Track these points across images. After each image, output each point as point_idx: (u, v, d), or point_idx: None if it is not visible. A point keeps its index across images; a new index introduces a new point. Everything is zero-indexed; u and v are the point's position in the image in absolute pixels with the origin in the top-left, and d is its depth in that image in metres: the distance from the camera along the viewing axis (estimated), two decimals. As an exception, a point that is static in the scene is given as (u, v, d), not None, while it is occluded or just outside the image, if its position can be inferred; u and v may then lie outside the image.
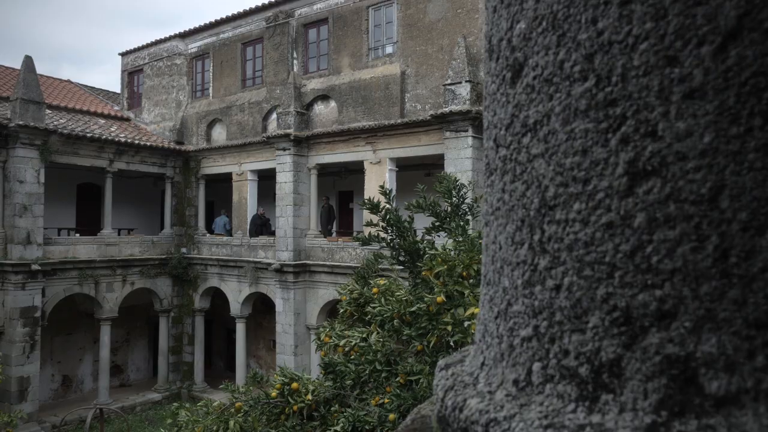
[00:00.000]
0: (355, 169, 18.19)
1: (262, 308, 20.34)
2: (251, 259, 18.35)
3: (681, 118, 0.48)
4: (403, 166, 16.66)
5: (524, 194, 0.61)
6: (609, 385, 0.52)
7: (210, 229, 21.00)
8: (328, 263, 16.45)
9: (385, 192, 5.74)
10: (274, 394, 5.20)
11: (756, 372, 0.44)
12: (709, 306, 0.47)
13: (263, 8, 18.64)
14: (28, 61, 16.37)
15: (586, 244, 0.54)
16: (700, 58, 0.47)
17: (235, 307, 19.05)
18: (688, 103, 0.47)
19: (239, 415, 4.96)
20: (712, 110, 0.46)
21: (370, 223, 5.77)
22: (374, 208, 5.59)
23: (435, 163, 16.56)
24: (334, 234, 18.97)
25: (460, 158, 13.51)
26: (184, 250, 20.52)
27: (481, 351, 0.69)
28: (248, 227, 18.91)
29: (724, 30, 0.45)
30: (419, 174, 17.85)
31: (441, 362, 0.79)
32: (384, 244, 5.74)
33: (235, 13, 19.52)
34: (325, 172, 18.35)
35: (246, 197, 19.21)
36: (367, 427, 4.60)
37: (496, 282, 0.66)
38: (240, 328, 18.98)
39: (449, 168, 13.46)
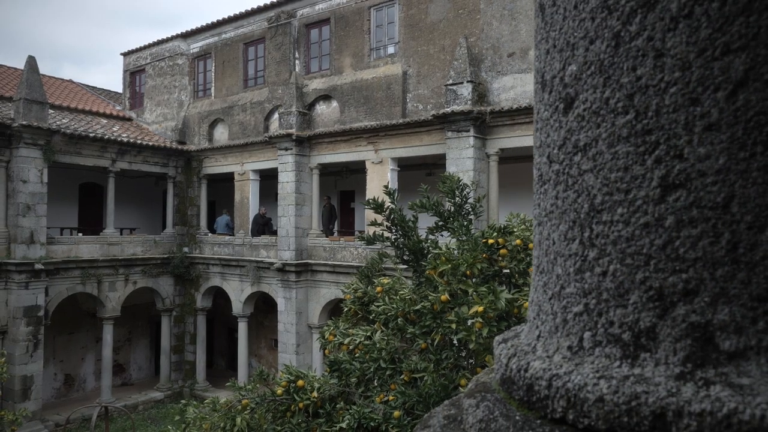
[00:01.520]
0: (357, 169, 18.26)
1: (263, 307, 20.40)
2: (253, 259, 18.41)
3: (702, 144, 0.63)
4: (405, 165, 16.73)
5: (575, 201, 0.75)
6: (646, 346, 0.67)
7: (212, 229, 21.07)
8: (329, 262, 16.51)
9: (389, 192, 5.80)
10: (279, 391, 5.26)
11: (758, 333, 0.60)
12: (723, 285, 0.62)
13: (265, 8, 18.70)
14: (32, 62, 16.42)
15: (628, 239, 0.70)
16: (716, 101, 0.62)
17: (237, 306, 19.11)
18: (707, 134, 0.63)
19: (246, 412, 5.02)
20: (725, 139, 0.62)
21: (374, 223, 5.83)
22: (379, 207, 5.65)
23: (436, 162, 16.62)
24: (335, 233, 19.03)
25: (462, 158, 13.56)
26: (186, 249, 20.59)
27: (536, 326, 0.83)
28: (250, 227, 18.98)
29: (735, 80, 0.61)
30: (420, 174, 17.92)
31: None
32: (388, 243, 5.80)
33: (237, 13, 19.58)
34: (326, 171, 18.42)
35: (248, 197, 19.28)
36: (372, 424, 4.66)
37: (549, 270, 0.81)
38: (242, 328, 19.04)
39: (451, 168, 13.52)
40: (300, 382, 5.19)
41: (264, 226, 18.95)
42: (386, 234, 5.90)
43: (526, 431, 0.72)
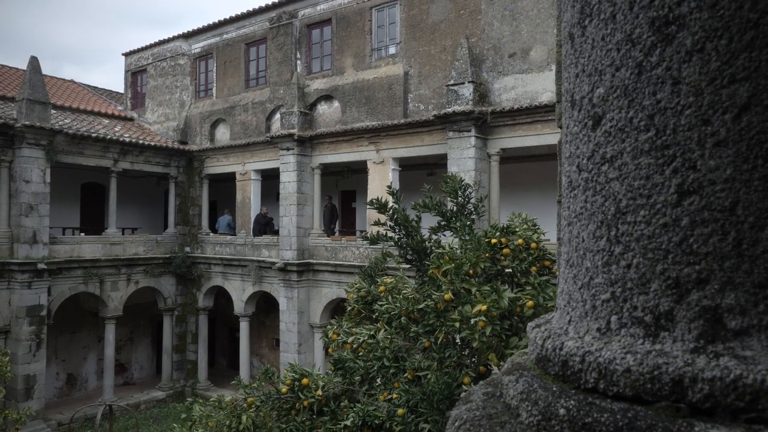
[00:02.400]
0: (358, 169, 18.31)
1: (265, 307, 20.46)
2: (255, 258, 18.47)
3: (712, 158, 0.75)
4: (406, 165, 16.78)
5: (603, 204, 0.87)
6: (665, 327, 0.78)
7: (213, 229, 21.13)
8: (331, 262, 16.56)
9: (393, 192, 5.85)
10: (284, 390, 5.31)
11: (759, 314, 0.72)
12: (730, 275, 0.74)
13: (267, 9, 18.75)
14: (34, 62, 16.47)
15: (649, 237, 0.81)
16: (724, 121, 0.74)
17: (239, 305, 19.17)
18: (716, 149, 0.75)
19: (251, 410, 5.07)
20: (731, 154, 0.73)
21: (378, 223, 5.88)
22: (382, 207, 5.70)
23: (437, 162, 16.67)
24: (337, 233, 19.08)
25: (463, 158, 13.61)
26: (187, 249, 20.64)
27: (567, 312, 0.95)
28: (252, 226, 19.03)
29: (740, 104, 0.72)
30: (421, 173, 17.96)
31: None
32: (392, 243, 5.85)
33: (239, 13, 19.63)
34: (327, 171, 18.47)
35: (249, 197, 19.33)
36: (376, 422, 4.71)
37: (579, 264, 0.93)
38: (244, 327, 19.10)
39: (452, 168, 13.57)
40: (304, 381, 5.24)
41: (265, 225, 19.01)
42: (389, 234, 5.95)
43: (564, 398, 0.83)
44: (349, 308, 6.30)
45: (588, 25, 0.90)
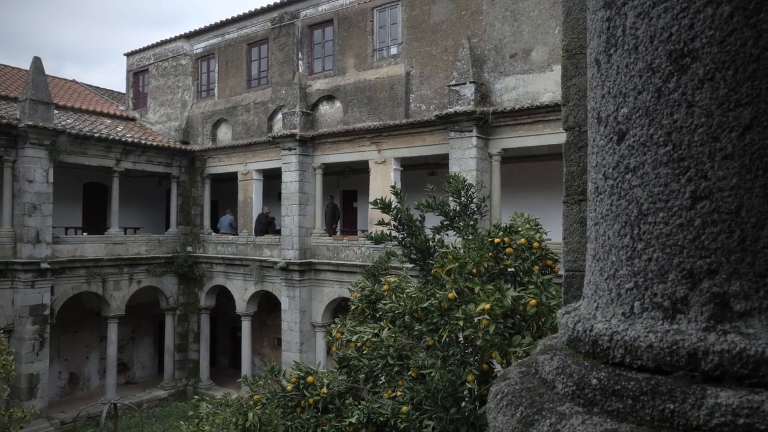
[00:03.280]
0: (359, 169, 18.36)
1: (266, 306, 20.53)
2: (257, 258, 18.53)
3: (720, 169, 0.89)
4: (407, 165, 16.83)
5: (627, 207, 1.01)
6: (681, 310, 0.92)
7: (215, 228, 21.19)
8: (333, 262, 16.62)
9: (396, 192, 5.91)
10: (289, 387, 5.37)
11: (760, 299, 0.86)
12: (735, 266, 0.88)
13: (268, 9, 18.81)
14: (37, 62, 16.53)
15: (667, 235, 0.95)
16: (730, 139, 0.87)
17: (241, 305, 19.23)
18: (724, 161, 0.88)
19: (257, 407, 5.14)
20: (737, 166, 0.87)
21: (382, 222, 5.94)
22: (386, 207, 5.76)
23: (439, 162, 16.72)
24: (338, 233, 19.14)
25: (465, 158, 13.67)
26: (189, 248, 20.71)
27: (594, 300, 1.09)
28: (253, 226, 19.09)
29: (744, 125, 0.86)
30: (423, 173, 18.03)
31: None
32: (396, 242, 5.90)
33: (240, 14, 19.69)
34: (328, 171, 18.53)
35: (251, 196, 19.39)
36: (381, 419, 4.77)
37: (605, 258, 1.07)
38: (245, 326, 19.16)
39: (454, 168, 13.63)
40: (310, 379, 5.30)
41: (267, 225, 19.07)
42: (394, 233, 6.00)
43: (595, 371, 0.98)
44: (353, 307, 6.36)
45: (613, 54, 1.04)
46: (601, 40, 1.08)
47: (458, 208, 5.99)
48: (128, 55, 24.07)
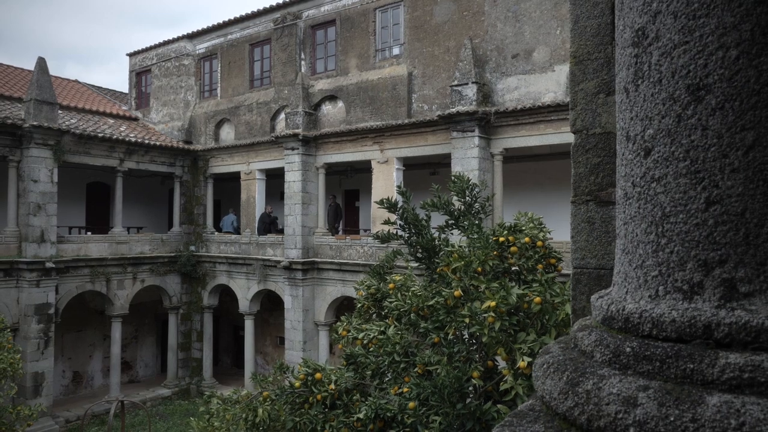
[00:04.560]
0: (361, 168, 18.46)
1: (269, 305, 20.63)
2: (260, 257, 18.63)
3: (729, 180, 1.08)
4: (409, 165, 16.93)
5: (652, 210, 1.22)
6: (697, 292, 1.12)
7: (218, 228, 21.29)
8: (336, 261, 16.72)
9: (402, 192, 6.00)
10: (297, 384, 5.47)
11: (761, 282, 1.05)
12: (741, 257, 1.07)
13: (271, 9, 18.90)
14: (41, 63, 16.63)
15: (686, 232, 1.14)
16: (737, 156, 1.07)
17: (244, 304, 19.33)
18: (732, 174, 1.08)
19: (266, 403, 5.23)
20: (742, 177, 1.07)
21: (387, 222, 6.03)
22: (392, 207, 5.85)
23: (441, 162, 16.82)
24: (341, 232, 19.24)
25: (467, 158, 13.76)
26: (192, 248, 20.81)
27: (624, 286, 1.31)
28: (256, 225, 19.19)
29: (747, 145, 1.06)
30: (425, 173, 18.13)
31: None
32: (402, 241, 5.99)
33: (243, 14, 19.78)
34: (331, 171, 18.62)
35: (254, 196, 19.49)
36: (388, 415, 4.86)
37: (633, 252, 1.28)
38: (248, 325, 19.26)
39: (456, 167, 13.71)
40: (318, 375, 5.39)
41: (270, 224, 19.16)
42: (399, 232, 6.09)
43: (628, 341, 1.19)
44: (359, 305, 6.46)
45: (640, 84, 1.25)
46: (630, 72, 1.29)
47: (463, 207, 6.08)
48: (131, 55, 24.17)
